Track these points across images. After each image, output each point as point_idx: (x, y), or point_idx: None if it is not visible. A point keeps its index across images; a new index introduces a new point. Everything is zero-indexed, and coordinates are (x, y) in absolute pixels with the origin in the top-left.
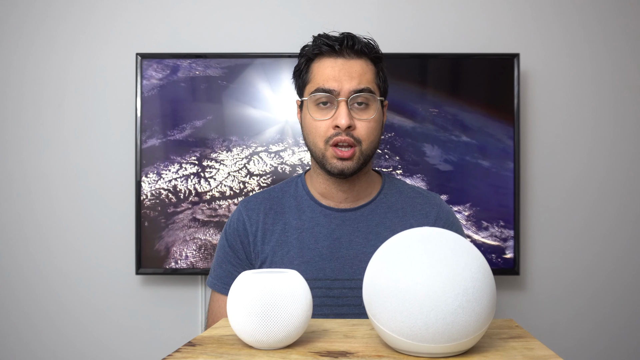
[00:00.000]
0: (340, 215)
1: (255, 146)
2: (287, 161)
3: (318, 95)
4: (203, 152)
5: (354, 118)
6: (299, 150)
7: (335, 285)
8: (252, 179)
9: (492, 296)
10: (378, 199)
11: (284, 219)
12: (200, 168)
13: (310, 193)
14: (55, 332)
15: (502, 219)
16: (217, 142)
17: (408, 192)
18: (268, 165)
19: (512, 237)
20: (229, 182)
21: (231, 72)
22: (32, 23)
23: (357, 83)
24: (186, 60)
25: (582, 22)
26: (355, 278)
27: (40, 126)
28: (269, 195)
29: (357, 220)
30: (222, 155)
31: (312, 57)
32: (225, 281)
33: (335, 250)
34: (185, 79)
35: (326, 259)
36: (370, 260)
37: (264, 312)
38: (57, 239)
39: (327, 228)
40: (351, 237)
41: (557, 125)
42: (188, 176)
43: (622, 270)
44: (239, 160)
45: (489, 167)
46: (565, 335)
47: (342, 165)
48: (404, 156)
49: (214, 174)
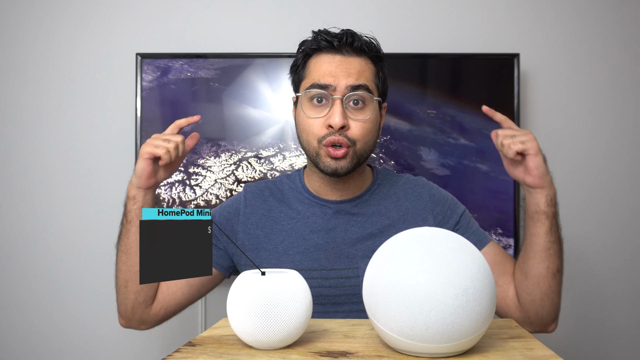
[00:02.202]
0: (335, 206)
1: (245, 151)
2: (277, 167)
3: (313, 92)
4: (190, 158)
5: (349, 118)
6: (290, 156)
7: (331, 275)
8: (240, 187)
9: (492, 296)
10: (371, 189)
11: (281, 207)
12: (185, 175)
13: (306, 187)
14: (55, 332)
15: (501, 226)
16: (205, 148)
17: (398, 180)
18: (257, 172)
19: (511, 246)
20: (215, 190)
21: (224, 74)
22: (32, 23)
23: (355, 79)
24: (178, 61)
25: (582, 22)
26: (352, 267)
27: (40, 126)
28: (272, 184)
29: (351, 211)
30: (209, 162)
31: (310, 53)
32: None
33: (330, 240)
34: (175, 80)
35: (321, 249)
36: (370, 260)
37: (264, 312)
38: (57, 239)
39: (322, 218)
40: (347, 226)
41: (558, 126)
42: (173, 184)
43: (622, 270)
44: (227, 167)
45: (488, 171)
46: (565, 335)
47: (336, 165)
48: (399, 160)
49: (200, 181)
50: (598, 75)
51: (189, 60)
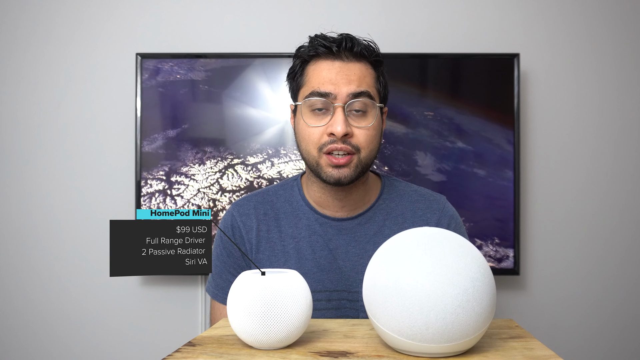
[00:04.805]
0: (337, 224)
1: (232, 158)
2: (264, 174)
3: (313, 101)
4: (173, 165)
5: (352, 125)
6: (279, 162)
7: (334, 297)
8: (224, 196)
9: (492, 296)
10: (376, 205)
11: (279, 226)
12: (167, 184)
13: (306, 199)
14: (55, 332)
15: (498, 235)
16: (190, 154)
17: (410, 196)
18: (243, 180)
19: (509, 257)
20: (197, 200)
21: (224, 74)
22: (31, 23)
23: (356, 86)
24: (177, 61)
25: (582, 22)
26: (353, 290)
27: (40, 126)
28: (263, 198)
29: (353, 230)
30: (193, 169)
31: (308, 59)
32: (227, 291)
33: (332, 261)
34: (175, 81)
35: (324, 270)
36: (370, 260)
37: (264, 312)
38: (57, 239)
39: (324, 237)
40: (347, 248)
41: (558, 126)
42: (153, 194)
43: (621, 270)
44: (211, 175)
45: (486, 177)
46: (565, 335)
47: (339, 174)
48: (393, 166)
49: (182, 190)
50: (598, 75)
51: (189, 60)
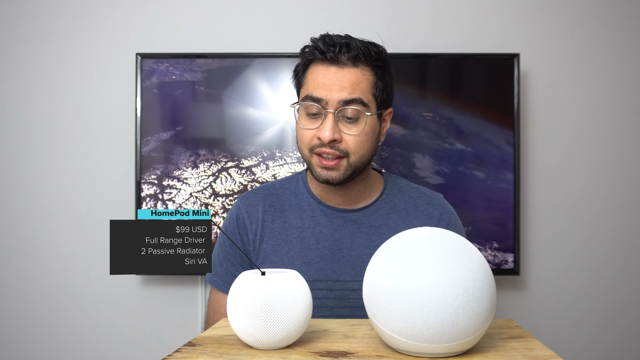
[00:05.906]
0: (342, 215)
1: (226, 161)
2: (259, 178)
3: (307, 104)
4: (165, 169)
5: (341, 131)
6: (274, 165)
7: (337, 287)
8: (217, 200)
9: (492, 296)
10: (380, 200)
11: (284, 216)
12: (159, 189)
13: (311, 191)
14: (55, 332)
15: (497, 240)
16: (184, 158)
17: (411, 193)
18: (237, 184)
19: (507, 262)
20: (189, 205)
21: (224, 74)
22: (31, 23)
23: (348, 93)
24: (176, 61)
25: (582, 22)
26: (357, 280)
27: (40, 126)
28: (269, 191)
29: (358, 221)
30: (186, 173)
31: (307, 63)
32: (225, 280)
33: (336, 251)
34: (175, 81)
35: (327, 259)
36: (371, 260)
37: (264, 312)
38: (57, 239)
39: (329, 228)
40: (353, 238)
41: (558, 126)
42: (144, 199)
43: (622, 270)
44: (204, 179)
45: (485, 179)
46: (565, 335)
47: (327, 175)
48: (390, 168)
49: (174, 195)
50: (598, 75)
51: (189, 60)
